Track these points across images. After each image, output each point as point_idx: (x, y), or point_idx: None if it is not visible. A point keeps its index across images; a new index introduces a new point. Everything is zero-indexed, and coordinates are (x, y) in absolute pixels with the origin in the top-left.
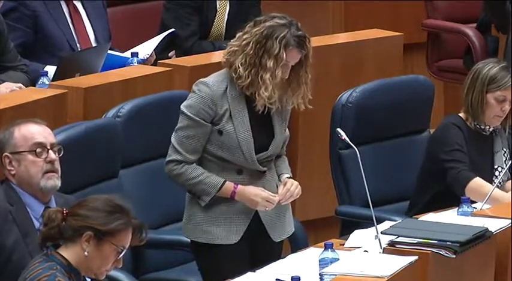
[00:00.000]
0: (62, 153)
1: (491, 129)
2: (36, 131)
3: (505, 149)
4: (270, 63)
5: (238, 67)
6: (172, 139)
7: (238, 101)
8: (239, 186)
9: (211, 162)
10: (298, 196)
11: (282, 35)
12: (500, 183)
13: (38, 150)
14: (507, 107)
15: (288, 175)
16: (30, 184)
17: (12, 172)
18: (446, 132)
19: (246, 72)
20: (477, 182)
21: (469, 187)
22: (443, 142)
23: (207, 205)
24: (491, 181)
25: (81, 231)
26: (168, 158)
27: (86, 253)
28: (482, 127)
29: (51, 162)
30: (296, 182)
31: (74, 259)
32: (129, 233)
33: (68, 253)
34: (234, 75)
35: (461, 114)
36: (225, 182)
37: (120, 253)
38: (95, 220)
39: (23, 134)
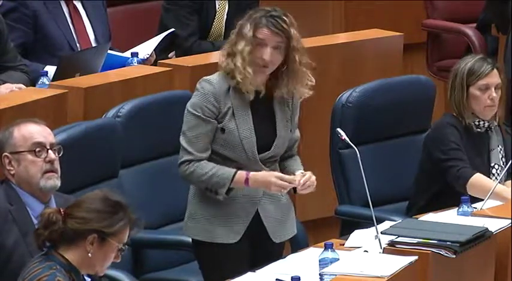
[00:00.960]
0: (61, 153)
1: (486, 125)
2: (36, 131)
3: (500, 147)
4: (242, 45)
5: (223, 61)
6: (182, 140)
7: (241, 99)
8: (251, 172)
9: (214, 160)
10: (312, 190)
11: (254, 16)
12: (499, 181)
13: (38, 150)
14: (494, 94)
15: (302, 171)
16: (30, 184)
17: (12, 172)
18: (442, 132)
19: (227, 61)
20: (478, 178)
21: (470, 184)
22: (440, 142)
23: (208, 203)
24: (489, 178)
25: (85, 234)
26: (179, 160)
27: (90, 254)
28: (477, 123)
29: (51, 162)
30: (314, 177)
31: (75, 259)
32: (128, 229)
33: (70, 254)
34: (224, 72)
35: (455, 114)
36: (236, 171)
37: (122, 250)
38: (99, 223)
39: (22, 134)
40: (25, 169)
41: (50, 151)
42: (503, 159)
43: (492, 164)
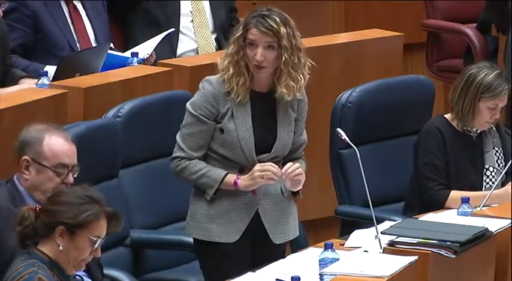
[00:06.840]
0: (77, 173)
1: (478, 131)
2: (65, 150)
3: (496, 148)
4: (231, 48)
5: (220, 64)
6: (177, 136)
7: (241, 100)
8: (242, 176)
9: (214, 160)
10: (301, 178)
11: (246, 18)
12: (493, 183)
13: (61, 171)
14: (498, 115)
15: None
16: (40, 194)
17: (26, 177)
18: (425, 141)
19: (221, 64)
20: (454, 195)
21: (448, 204)
22: (421, 151)
23: (209, 202)
24: (481, 181)
25: (53, 227)
26: (172, 155)
27: (60, 247)
28: (469, 129)
29: (67, 184)
30: (301, 169)
31: (52, 254)
32: (101, 222)
33: (46, 249)
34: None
35: (448, 116)
36: (227, 174)
37: (95, 243)
38: (65, 214)
39: (52, 148)
40: (41, 181)
41: (70, 174)
42: (500, 161)
43: (486, 167)
